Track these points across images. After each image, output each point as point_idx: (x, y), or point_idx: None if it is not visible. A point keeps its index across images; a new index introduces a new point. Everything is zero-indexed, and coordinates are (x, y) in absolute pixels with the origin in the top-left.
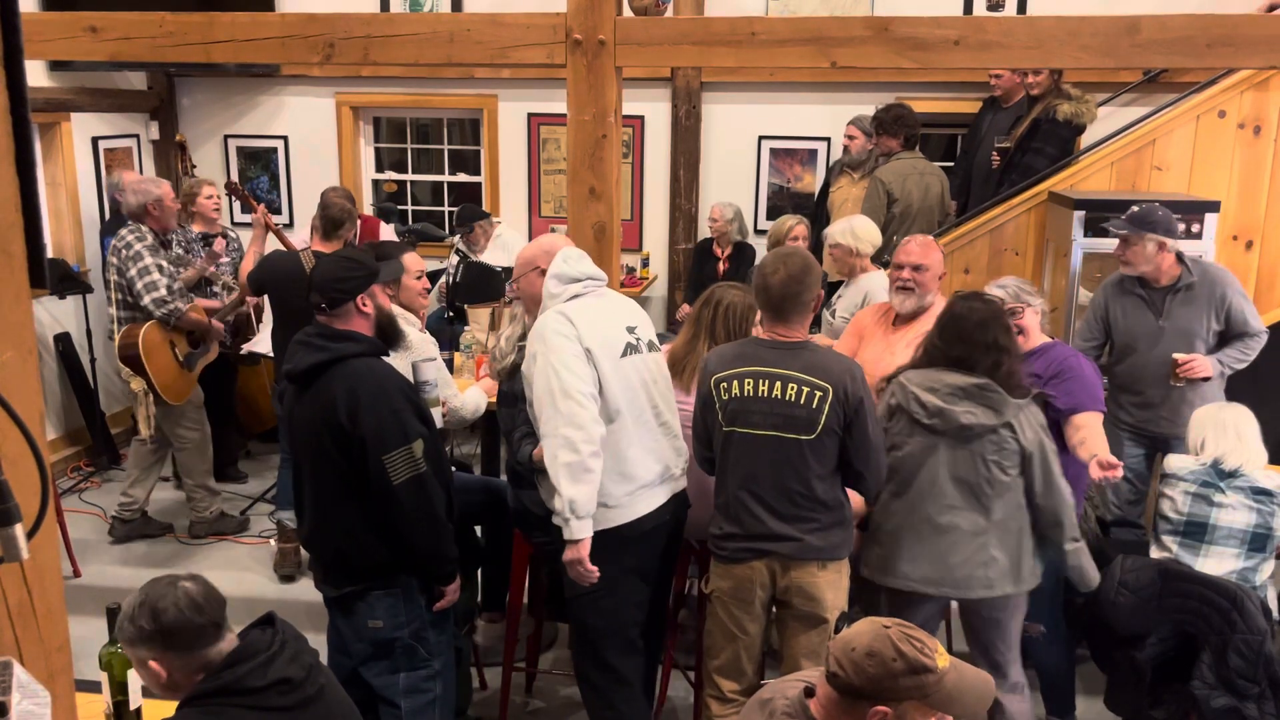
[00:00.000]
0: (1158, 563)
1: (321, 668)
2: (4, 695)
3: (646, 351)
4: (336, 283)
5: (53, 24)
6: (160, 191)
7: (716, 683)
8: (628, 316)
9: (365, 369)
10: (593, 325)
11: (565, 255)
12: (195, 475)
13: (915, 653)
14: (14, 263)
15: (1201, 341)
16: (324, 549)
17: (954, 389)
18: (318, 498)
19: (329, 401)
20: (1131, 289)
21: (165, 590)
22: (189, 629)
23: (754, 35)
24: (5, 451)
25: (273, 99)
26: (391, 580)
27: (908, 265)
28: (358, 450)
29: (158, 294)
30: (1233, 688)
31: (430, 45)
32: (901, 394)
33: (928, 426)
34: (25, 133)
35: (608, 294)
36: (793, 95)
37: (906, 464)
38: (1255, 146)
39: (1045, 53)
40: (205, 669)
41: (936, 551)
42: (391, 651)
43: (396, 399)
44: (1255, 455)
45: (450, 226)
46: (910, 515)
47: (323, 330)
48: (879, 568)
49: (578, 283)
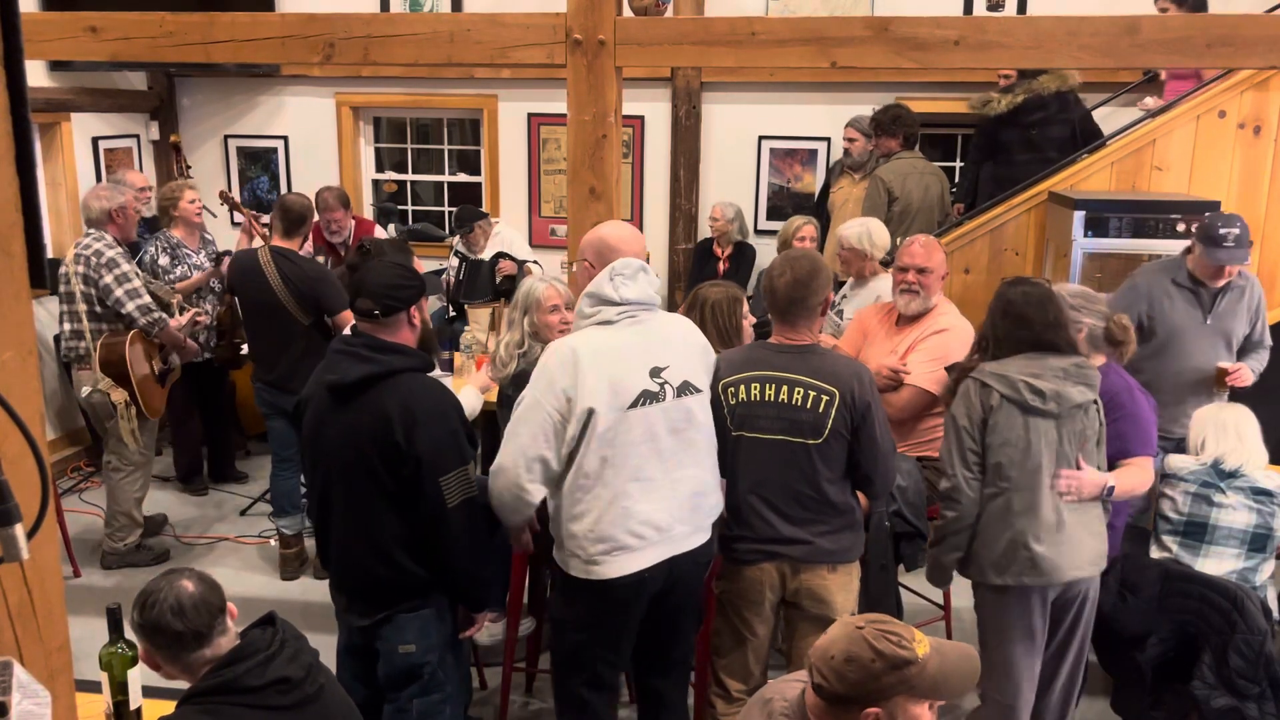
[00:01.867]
0: (1159, 563)
1: (321, 667)
2: (4, 695)
3: (672, 397)
4: (394, 289)
5: (53, 24)
6: (125, 199)
7: (724, 681)
8: (660, 353)
9: (420, 386)
10: (603, 373)
11: (615, 270)
12: (124, 502)
13: (893, 648)
14: (14, 263)
15: (1236, 343)
16: (355, 572)
17: (1057, 370)
18: (351, 515)
19: (380, 417)
20: (1183, 283)
21: (162, 586)
22: (167, 632)
23: (754, 35)
24: (5, 451)
25: (273, 99)
26: (422, 601)
27: (912, 268)
28: (410, 470)
29: (142, 300)
30: (1233, 688)
31: (430, 45)
32: (1006, 385)
33: (1043, 412)
34: (25, 133)
35: (650, 321)
36: (793, 95)
37: (1016, 455)
38: (1255, 146)
39: (1045, 53)
40: (197, 667)
41: (1069, 534)
42: (416, 677)
43: (454, 419)
44: (1256, 455)
45: (450, 227)
46: (1034, 506)
47: (370, 341)
48: (1026, 569)
49: (614, 308)
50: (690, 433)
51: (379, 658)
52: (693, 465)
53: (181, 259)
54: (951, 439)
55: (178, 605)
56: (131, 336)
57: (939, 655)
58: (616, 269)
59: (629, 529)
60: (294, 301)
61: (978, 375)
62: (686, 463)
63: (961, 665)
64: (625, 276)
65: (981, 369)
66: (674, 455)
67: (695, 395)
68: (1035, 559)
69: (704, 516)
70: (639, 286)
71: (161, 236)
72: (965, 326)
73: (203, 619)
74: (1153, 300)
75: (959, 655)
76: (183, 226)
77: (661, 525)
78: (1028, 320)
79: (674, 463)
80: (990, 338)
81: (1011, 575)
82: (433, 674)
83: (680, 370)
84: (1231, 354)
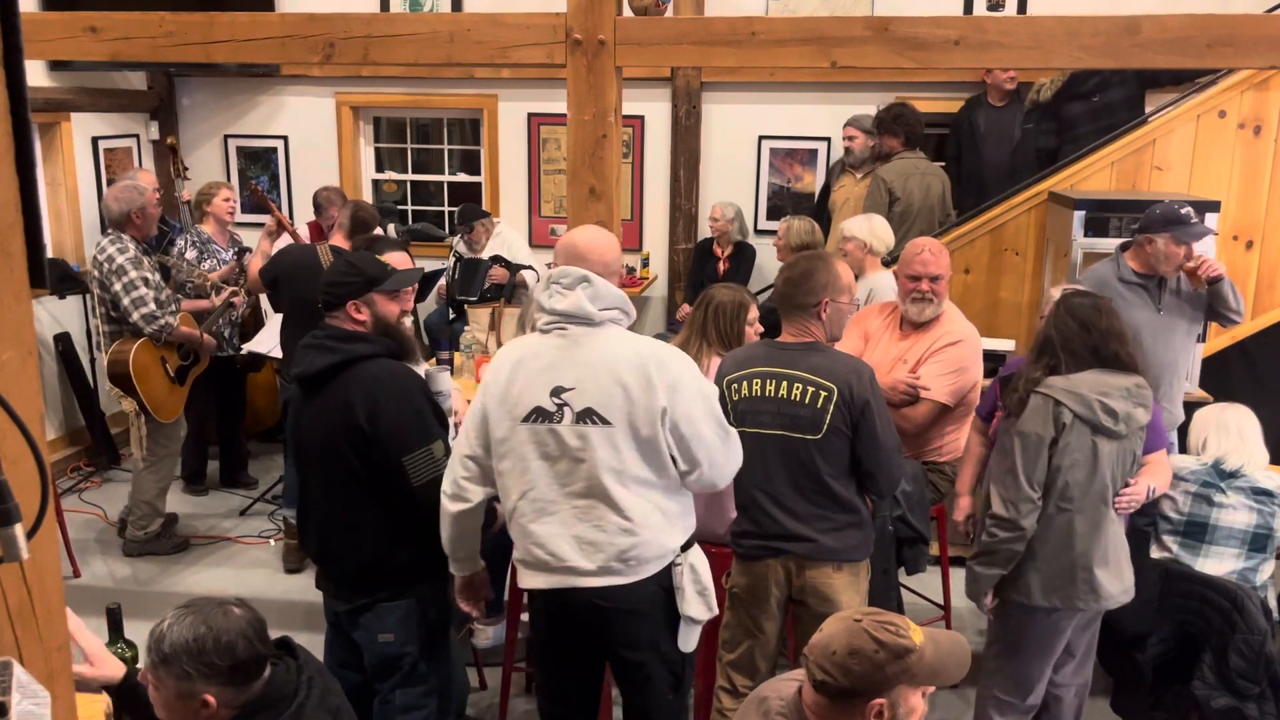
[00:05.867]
0: (1159, 563)
1: (346, 707)
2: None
3: (569, 422)
4: (332, 285)
5: (53, 24)
6: (144, 200)
7: (730, 676)
8: (570, 374)
9: (382, 370)
10: (509, 379)
11: (552, 278)
12: (147, 493)
13: (894, 638)
14: (14, 263)
15: (1197, 329)
16: (336, 561)
17: (1122, 390)
18: (330, 507)
19: (345, 405)
20: (1129, 279)
21: (226, 620)
22: (257, 661)
23: (754, 35)
24: (5, 451)
25: (273, 99)
26: (403, 591)
27: (925, 276)
28: (378, 454)
29: (146, 309)
30: (1233, 688)
31: (430, 45)
32: (1081, 404)
33: (1112, 433)
34: (25, 133)
35: (583, 338)
36: (793, 95)
37: (1082, 476)
38: (1255, 146)
39: (1045, 53)
40: (247, 701)
41: (1123, 558)
42: (396, 668)
43: (418, 399)
44: (1257, 455)
45: (450, 226)
46: (1098, 529)
47: (333, 332)
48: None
49: (544, 316)
50: (587, 464)
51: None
52: (592, 498)
53: (210, 254)
54: (1018, 456)
55: (256, 632)
56: (138, 345)
57: (933, 643)
58: (553, 277)
59: (526, 547)
60: None
61: (1048, 391)
62: (587, 494)
63: (955, 651)
64: (560, 286)
65: (1051, 384)
66: (571, 482)
67: (597, 426)
68: (1095, 584)
69: (609, 555)
70: (572, 298)
71: (193, 232)
72: (974, 333)
73: (267, 635)
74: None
75: (951, 641)
76: (214, 224)
77: (556, 552)
78: (1086, 332)
79: (572, 490)
80: (1060, 349)
81: (1063, 598)
82: (414, 665)
83: (586, 396)
84: (1191, 338)
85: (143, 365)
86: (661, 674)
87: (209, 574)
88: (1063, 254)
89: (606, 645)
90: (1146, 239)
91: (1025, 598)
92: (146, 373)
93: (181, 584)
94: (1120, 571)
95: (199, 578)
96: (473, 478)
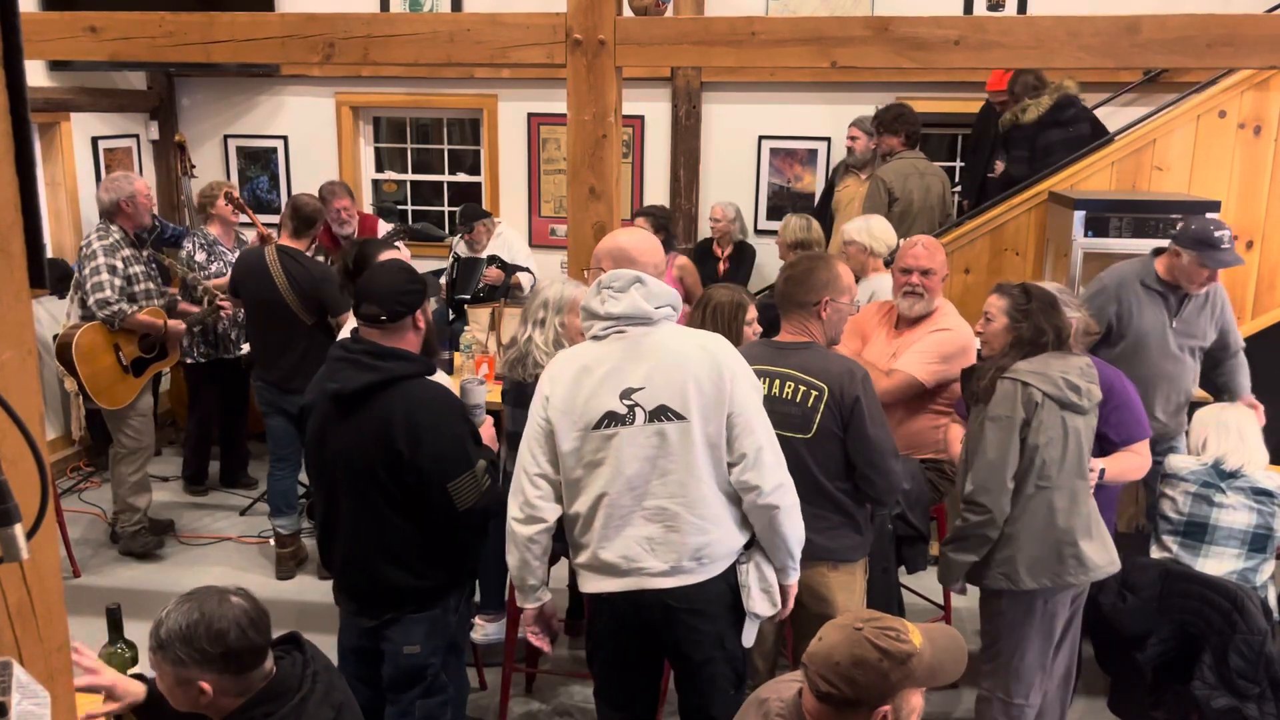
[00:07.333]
0: (1159, 563)
1: (350, 703)
2: (4, 695)
3: (643, 422)
4: (402, 295)
5: (53, 24)
6: (133, 188)
7: None
8: (638, 374)
9: (422, 392)
10: (574, 386)
11: (604, 283)
12: (120, 486)
13: (895, 644)
14: (14, 263)
15: (1200, 348)
16: (363, 578)
17: (1078, 369)
18: (359, 527)
19: (383, 427)
20: (1152, 285)
21: (221, 608)
22: (252, 650)
23: (754, 35)
24: (5, 451)
25: (272, 99)
26: (430, 603)
27: (916, 270)
28: (414, 479)
29: (101, 294)
30: (1233, 688)
31: (430, 45)
32: (1048, 383)
33: (1078, 408)
34: (25, 133)
35: (642, 337)
36: (793, 95)
37: (1057, 454)
38: (1255, 146)
39: (1045, 53)
40: (248, 690)
41: (1102, 529)
42: (420, 679)
43: (458, 423)
44: (1257, 456)
45: (450, 226)
46: (1077, 503)
47: (370, 348)
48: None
49: (600, 322)
50: (664, 461)
51: (384, 658)
52: (668, 498)
53: (217, 255)
54: (991, 440)
55: (251, 621)
56: (89, 326)
57: (931, 643)
58: (605, 282)
59: (593, 552)
60: (298, 301)
61: (1014, 375)
62: (659, 494)
63: (951, 648)
64: (613, 290)
65: (1017, 369)
66: (644, 484)
67: (672, 422)
68: (1082, 557)
69: (681, 555)
70: (628, 300)
71: (199, 233)
72: (965, 328)
73: (268, 625)
74: (1122, 301)
75: (947, 638)
76: (219, 224)
77: (627, 554)
78: (1044, 322)
79: (644, 491)
80: (1023, 337)
81: (1052, 575)
82: (436, 675)
83: (658, 393)
84: (1196, 359)
85: (89, 347)
86: (725, 672)
87: (209, 574)
88: (1063, 254)
89: (673, 646)
90: (1175, 251)
91: (1013, 584)
92: (93, 355)
93: (181, 583)
94: (1105, 543)
95: (199, 577)
96: (545, 495)
